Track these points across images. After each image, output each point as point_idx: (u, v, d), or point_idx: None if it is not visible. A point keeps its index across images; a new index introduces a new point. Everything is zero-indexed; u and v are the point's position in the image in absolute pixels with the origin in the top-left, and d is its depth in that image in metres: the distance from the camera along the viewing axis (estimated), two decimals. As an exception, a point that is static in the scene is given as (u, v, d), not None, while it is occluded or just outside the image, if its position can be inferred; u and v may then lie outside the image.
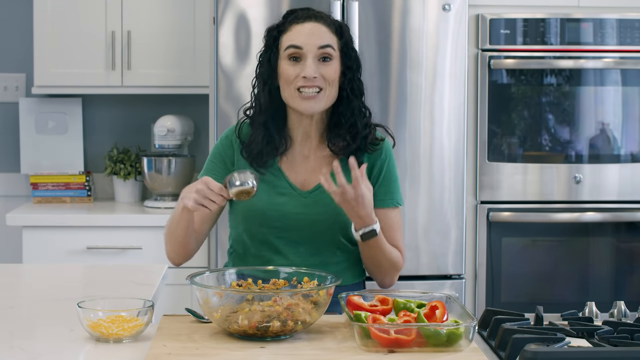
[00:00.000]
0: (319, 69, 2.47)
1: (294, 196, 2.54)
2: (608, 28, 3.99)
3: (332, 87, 2.50)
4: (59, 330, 2.18)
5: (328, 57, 2.49)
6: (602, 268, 4.07)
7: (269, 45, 2.54)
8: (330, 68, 2.49)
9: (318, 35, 2.48)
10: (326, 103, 2.51)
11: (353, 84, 2.54)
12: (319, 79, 2.47)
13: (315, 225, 2.50)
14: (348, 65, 2.53)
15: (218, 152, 2.62)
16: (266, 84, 2.53)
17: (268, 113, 2.53)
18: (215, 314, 2.11)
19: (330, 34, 2.50)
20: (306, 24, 2.49)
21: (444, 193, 3.87)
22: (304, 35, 2.48)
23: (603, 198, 4.04)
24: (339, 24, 2.54)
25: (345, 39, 2.53)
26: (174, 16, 4.24)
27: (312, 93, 2.48)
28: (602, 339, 2.09)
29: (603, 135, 4.05)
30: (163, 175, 4.29)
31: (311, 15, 2.51)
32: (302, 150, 2.58)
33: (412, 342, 2.01)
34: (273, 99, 2.53)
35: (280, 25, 2.53)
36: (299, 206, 2.53)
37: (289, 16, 2.53)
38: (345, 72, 2.53)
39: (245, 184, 2.33)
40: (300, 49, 2.47)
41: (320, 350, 2.04)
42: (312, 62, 2.46)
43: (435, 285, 3.84)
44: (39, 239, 3.97)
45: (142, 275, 2.83)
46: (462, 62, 3.86)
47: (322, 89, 2.48)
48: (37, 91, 4.27)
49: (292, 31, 2.50)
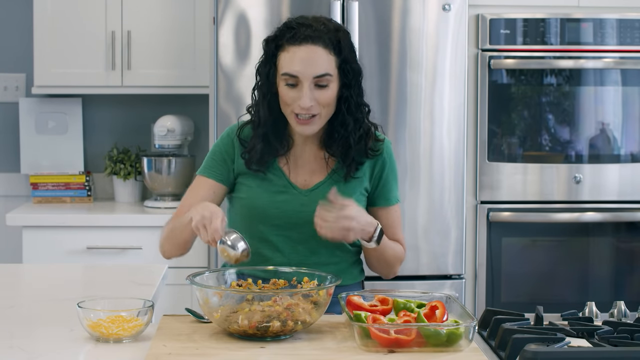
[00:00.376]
0: (314, 95, 2.45)
1: (294, 194, 2.54)
2: (608, 28, 3.99)
3: (329, 108, 2.49)
4: (59, 330, 2.18)
5: (325, 84, 2.46)
6: (602, 268, 4.06)
7: (268, 59, 2.52)
8: (326, 94, 2.46)
9: (314, 63, 2.44)
10: (321, 124, 2.51)
11: (350, 101, 2.51)
12: (314, 107, 2.45)
13: (314, 224, 2.48)
14: (345, 82, 2.50)
15: (219, 150, 2.61)
16: (265, 98, 2.52)
17: (268, 125, 2.53)
18: (215, 314, 2.11)
19: (327, 55, 2.45)
20: (302, 47, 2.44)
21: (444, 193, 3.87)
22: (299, 62, 2.43)
23: (603, 198, 4.04)
24: (337, 39, 2.48)
25: (344, 54, 2.48)
26: (174, 16, 4.23)
27: (307, 117, 2.47)
28: (602, 339, 2.09)
29: (603, 135, 4.05)
30: (163, 175, 4.28)
31: (308, 37, 2.44)
32: (302, 152, 2.58)
33: (412, 342, 2.01)
34: (272, 112, 2.52)
35: (279, 39, 2.49)
36: (299, 204, 2.53)
37: (287, 32, 2.48)
38: (342, 89, 2.51)
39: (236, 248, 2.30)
40: (296, 78, 2.45)
41: (320, 350, 2.04)
42: (308, 91, 2.44)
43: (435, 285, 3.83)
44: (39, 239, 3.97)
45: (142, 275, 2.83)
46: (462, 62, 3.85)
47: (318, 114, 2.47)
48: (37, 91, 4.27)
49: (289, 53, 2.45)
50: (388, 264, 2.59)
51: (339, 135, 2.53)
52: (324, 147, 2.56)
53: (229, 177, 2.58)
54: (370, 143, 2.56)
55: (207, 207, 2.31)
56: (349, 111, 2.51)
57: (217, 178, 2.57)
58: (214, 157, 2.61)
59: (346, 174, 2.54)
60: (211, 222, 2.26)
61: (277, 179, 2.55)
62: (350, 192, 2.53)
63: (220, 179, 2.58)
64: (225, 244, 2.26)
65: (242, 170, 2.57)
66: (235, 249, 2.27)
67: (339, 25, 2.53)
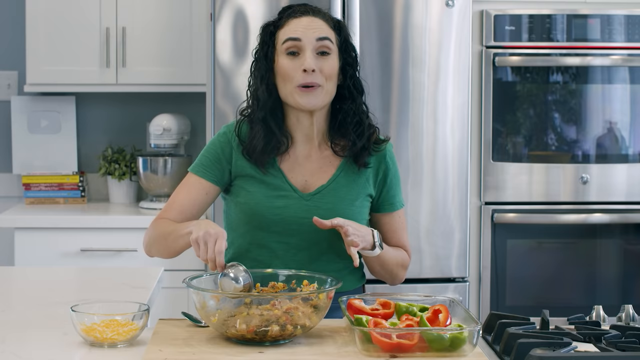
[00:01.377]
0: (317, 63, 2.45)
1: (295, 199, 2.50)
2: (616, 24, 4.01)
3: (330, 82, 2.48)
4: (52, 335, 2.18)
5: (327, 51, 2.47)
6: (610, 271, 4.08)
7: (265, 41, 2.53)
8: (329, 62, 2.47)
9: (316, 28, 2.47)
10: (324, 99, 2.49)
11: (355, 80, 2.54)
12: (317, 74, 2.45)
13: (316, 231, 2.47)
14: (348, 61, 2.52)
15: (214, 149, 2.57)
16: (264, 80, 2.51)
17: (267, 108, 2.50)
18: (213, 318, 2.10)
19: (328, 28, 2.49)
20: (303, 18, 2.48)
21: (448, 194, 3.87)
22: (301, 27, 2.46)
23: (610, 199, 4.07)
24: (337, 20, 2.54)
25: (344, 35, 2.52)
26: (170, 12, 4.24)
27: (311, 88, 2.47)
28: (610, 343, 2.09)
29: (610, 135, 4.07)
30: (159, 175, 4.27)
31: (308, 10, 2.50)
32: (303, 151, 2.55)
33: (414, 347, 2.01)
34: (271, 95, 2.51)
35: (277, 21, 2.53)
36: (300, 210, 2.49)
37: (286, 11, 2.53)
38: (345, 68, 2.52)
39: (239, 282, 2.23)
40: (299, 41, 2.45)
41: (320, 355, 2.03)
42: (311, 54, 2.44)
43: (439, 288, 3.85)
44: (31, 240, 3.96)
45: (137, 278, 2.83)
46: (465, 60, 3.86)
47: (321, 85, 2.46)
48: (30, 89, 4.27)
49: (289, 25, 2.49)
50: (391, 270, 2.57)
51: (351, 118, 2.51)
52: (330, 143, 2.53)
53: (223, 178, 2.55)
54: (374, 137, 2.55)
55: (211, 225, 2.28)
56: (357, 88, 2.53)
57: (210, 179, 2.54)
58: (208, 155, 2.57)
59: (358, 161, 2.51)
60: (215, 242, 2.23)
61: (277, 181, 2.51)
62: (354, 198, 2.52)
63: (214, 180, 2.54)
64: (227, 276, 2.21)
65: (240, 172, 2.53)
66: (237, 282, 2.20)
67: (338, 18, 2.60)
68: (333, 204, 2.47)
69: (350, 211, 2.49)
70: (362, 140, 2.51)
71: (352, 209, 2.50)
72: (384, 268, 2.55)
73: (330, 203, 2.47)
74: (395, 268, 2.56)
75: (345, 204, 2.50)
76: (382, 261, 2.52)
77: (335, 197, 2.49)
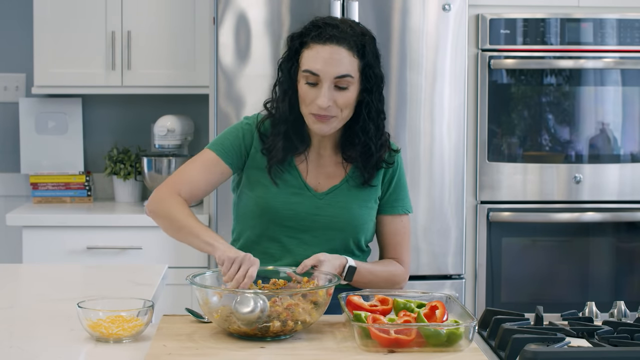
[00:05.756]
0: (333, 96, 2.42)
1: (308, 197, 2.52)
2: (608, 28, 3.99)
3: (346, 110, 2.45)
4: (58, 331, 2.18)
5: (344, 86, 2.42)
6: (602, 268, 4.07)
7: (291, 56, 2.49)
8: (345, 95, 2.43)
9: (337, 63, 2.40)
10: (337, 126, 2.47)
11: (370, 106, 2.49)
12: (332, 108, 2.42)
13: (327, 228, 2.50)
14: (367, 87, 2.47)
15: (237, 135, 2.55)
16: (286, 94, 2.49)
17: (289, 122, 2.50)
18: (215, 314, 2.11)
19: (350, 58, 2.42)
20: (326, 47, 2.41)
21: (444, 193, 3.87)
22: (322, 61, 2.40)
23: (603, 198, 4.05)
24: (362, 43, 2.45)
25: (367, 59, 2.45)
26: (174, 16, 4.23)
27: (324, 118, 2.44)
28: (602, 339, 2.09)
29: (603, 135, 4.05)
30: (163, 175, 4.27)
31: (333, 37, 2.41)
32: (318, 154, 2.56)
33: (412, 342, 2.01)
34: (293, 110, 2.49)
35: (303, 37, 2.46)
36: (313, 207, 2.51)
37: (313, 30, 2.45)
38: (364, 93, 2.48)
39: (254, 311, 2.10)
40: (317, 76, 2.42)
41: (320, 350, 2.04)
42: (327, 91, 2.40)
43: (435, 285, 3.83)
44: (39, 239, 3.96)
45: (142, 275, 2.82)
46: (462, 62, 3.85)
47: (335, 116, 2.44)
48: (37, 91, 4.26)
49: (312, 50, 2.43)
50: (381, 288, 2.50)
51: (359, 140, 2.50)
52: (341, 151, 2.55)
53: (239, 164, 2.54)
54: (385, 154, 2.55)
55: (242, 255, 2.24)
56: (370, 116, 2.49)
57: (228, 161, 2.52)
58: (230, 138, 2.55)
59: (365, 181, 2.53)
60: (249, 267, 2.20)
61: (293, 179, 2.53)
62: (365, 199, 2.54)
63: (230, 163, 2.52)
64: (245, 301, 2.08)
65: (256, 165, 2.53)
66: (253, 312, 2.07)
67: (366, 29, 2.50)
68: (345, 202, 2.50)
69: (361, 211, 2.52)
70: (370, 162, 2.51)
71: (363, 210, 2.53)
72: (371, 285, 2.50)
73: (342, 202, 2.50)
74: (383, 284, 2.53)
75: (357, 203, 2.52)
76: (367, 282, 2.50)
77: (347, 197, 2.51)
